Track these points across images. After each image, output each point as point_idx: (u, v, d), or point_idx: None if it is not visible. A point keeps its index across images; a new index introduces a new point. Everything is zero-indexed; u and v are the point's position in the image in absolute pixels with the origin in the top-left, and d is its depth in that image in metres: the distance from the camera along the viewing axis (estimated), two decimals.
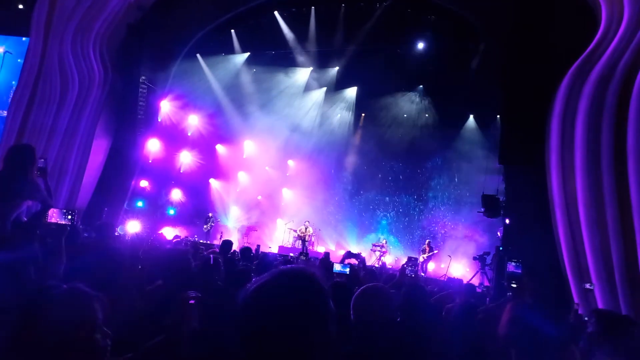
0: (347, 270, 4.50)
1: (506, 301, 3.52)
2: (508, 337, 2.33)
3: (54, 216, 3.26)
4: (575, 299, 9.84)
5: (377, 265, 15.41)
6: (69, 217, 3.25)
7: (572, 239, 10.40)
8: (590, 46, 10.48)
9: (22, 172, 3.87)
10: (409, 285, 3.37)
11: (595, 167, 10.03)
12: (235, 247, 11.80)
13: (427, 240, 17.10)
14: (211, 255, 4.11)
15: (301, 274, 1.28)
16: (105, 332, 1.50)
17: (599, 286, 9.65)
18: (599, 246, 9.76)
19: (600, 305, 9.28)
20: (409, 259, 15.03)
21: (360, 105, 20.01)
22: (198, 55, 17.87)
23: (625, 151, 9.13)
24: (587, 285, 9.37)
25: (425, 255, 16.31)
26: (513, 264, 8.13)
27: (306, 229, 17.04)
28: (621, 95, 9.55)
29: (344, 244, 19.54)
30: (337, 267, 4.78)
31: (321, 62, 18.72)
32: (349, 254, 14.34)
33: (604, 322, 2.90)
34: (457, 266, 17.41)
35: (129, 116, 14.86)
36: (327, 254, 10.00)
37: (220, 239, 14.98)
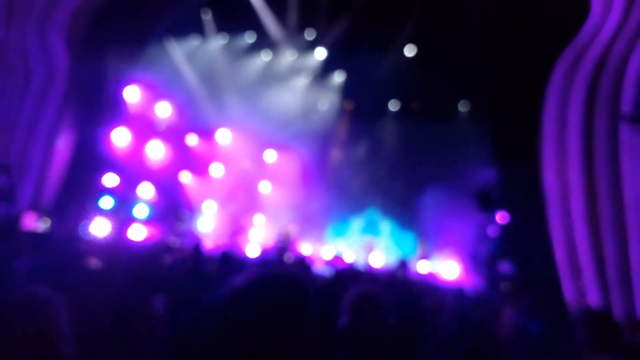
0: (328, 272, 4.55)
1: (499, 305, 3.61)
2: (509, 340, 2.40)
3: (30, 220, 3.22)
4: (571, 297, 10.06)
5: (362, 265, 15.51)
6: (48, 221, 3.22)
7: (566, 235, 10.61)
8: (582, 34, 10.65)
9: None
10: (399, 290, 3.43)
11: (589, 159, 10.24)
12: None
13: (420, 239, 17.21)
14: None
15: (283, 276, 1.36)
16: (68, 337, 1.51)
17: (594, 283, 9.87)
18: (594, 243, 9.97)
19: (595, 303, 9.50)
20: (400, 261, 15.23)
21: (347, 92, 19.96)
22: (168, 40, 17.66)
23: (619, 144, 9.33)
24: (582, 283, 9.59)
25: (417, 255, 16.43)
26: (506, 264, 8.23)
27: (288, 230, 17.03)
28: (614, 85, 9.74)
29: (327, 243, 19.55)
30: (319, 270, 4.83)
31: (304, 47, 18.65)
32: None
33: (592, 326, 2.99)
34: (448, 264, 17.58)
35: (95, 106, 14.68)
36: (302, 257, 10.01)
37: (195, 238, 14.90)
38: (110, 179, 16.63)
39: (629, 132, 9.26)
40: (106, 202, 16.52)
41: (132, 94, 17.01)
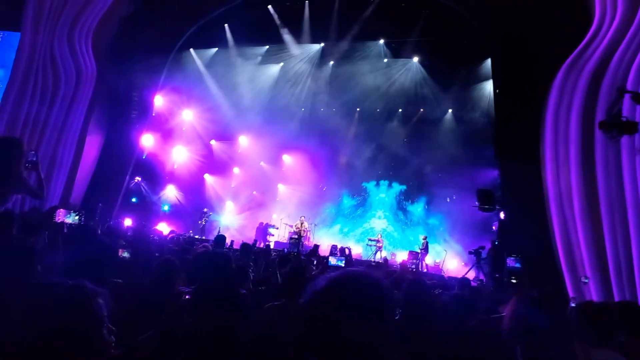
0: (342, 263, 4.54)
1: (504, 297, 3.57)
2: (511, 332, 2.36)
3: (60, 215, 3.25)
4: (571, 293, 9.93)
5: (373, 260, 15.45)
6: (77, 217, 3.24)
7: (567, 232, 10.49)
8: (583, 41, 10.55)
9: (8, 165, 3.81)
10: (410, 281, 3.39)
11: (589, 161, 10.12)
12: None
13: (424, 236, 17.12)
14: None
15: (369, 278, 1.30)
16: (110, 328, 1.51)
17: (594, 279, 9.74)
18: (593, 239, 9.86)
19: (595, 298, 9.37)
20: (410, 253, 15.13)
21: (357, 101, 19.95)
22: (191, 49, 17.79)
23: (619, 145, 9.20)
24: (582, 279, 9.46)
25: (422, 249, 16.31)
26: (512, 258, 8.12)
27: (302, 224, 17.05)
28: (614, 89, 9.61)
29: (338, 239, 19.57)
30: (332, 261, 4.81)
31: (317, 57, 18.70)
32: (334, 248, 14.40)
33: (590, 320, 2.96)
34: (452, 260, 17.50)
35: (122, 111, 14.82)
36: (316, 246, 10.05)
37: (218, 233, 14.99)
38: (137, 178, 16.84)
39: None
40: (133, 200, 16.72)
41: (157, 100, 17.18)
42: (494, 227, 14.65)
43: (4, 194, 3.93)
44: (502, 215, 13.40)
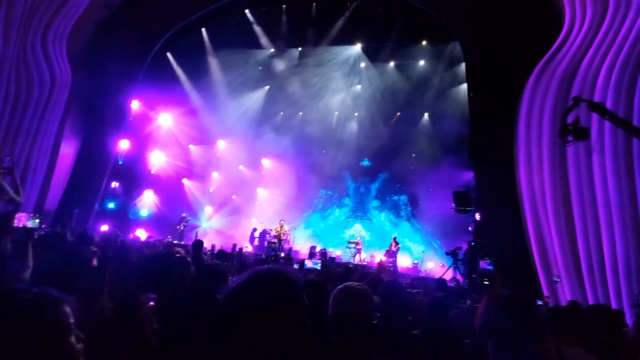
0: (319, 266, 4.51)
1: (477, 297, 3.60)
2: (483, 329, 2.37)
3: (22, 219, 3.16)
4: (545, 292, 10.08)
5: (351, 263, 15.45)
6: (37, 220, 3.16)
7: (540, 232, 10.66)
8: (554, 45, 10.76)
9: None
10: (386, 284, 3.39)
11: (561, 163, 10.32)
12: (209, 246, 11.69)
13: (394, 235, 17.20)
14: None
15: (277, 273, 1.39)
16: (78, 335, 1.46)
17: (567, 278, 9.91)
18: (567, 239, 10.03)
19: (568, 296, 9.53)
20: (387, 252, 15.16)
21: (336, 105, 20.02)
22: (168, 54, 17.61)
23: (590, 147, 9.39)
24: (555, 278, 9.61)
25: (392, 250, 16.36)
26: (486, 261, 8.32)
27: (281, 227, 16.98)
28: (585, 91, 9.83)
29: (317, 242, 19.56)
30: (309, 264, 4.79)
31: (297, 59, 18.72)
32: (314, 249, 14.38)
33: (561, 319, 3.01)
34: (430, 261, 17.62)
35: (98, 116, 14.55)
36: (290, 250, 10.01)
37: (195, 238, 14.83)
38: (113, 184, 16.57)
39: (596, 135, 9.36)
40: (110, 206, 16.44)
41: (135, 104, 16.95)
42: (470, 228, 14.78)
43: None
44: (477, 216, 13.53)
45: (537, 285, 10.34)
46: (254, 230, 18.48)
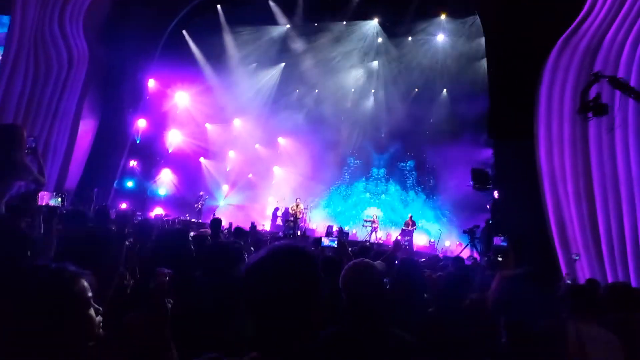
0: (335, 244, 4.55)
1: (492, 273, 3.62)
2: (496, 304, 2.38)
3: (44, 198, 3.25)
4: (564, 270, 10.02)
5: (368, 241, 15.52)
6: (59, 199, 3.24)
7: (560, 210, 10.54)
8: (577, 18, 10.46)
9: (10, 153, 3.82)
10: (402, 262, 3.42)
11: (582, 139, 10.14)
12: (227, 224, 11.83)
13: (410, 214, 17.21)
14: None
15: (293, 247, 1.40)
16: (96, 308, 1.51)
17: (586, 256, 9.83)
18: (587, 217, 9.92)
19: (587, 275, 9.46)
20: (403, 231, 15.19)
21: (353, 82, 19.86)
22: (184, 31, 17.58)
23: (612, 123, 9.20)
24: (573, 255, 9.54)
25: (408, 229, 16.39)
26: (500, 237, 8.28)
27: (297, 206, 17.07)
28: (608, 66, 9.59)
29: (333, 221, 19.67)
30: (325, 242, 4.83)
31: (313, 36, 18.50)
32: (330, 229, 14.44)
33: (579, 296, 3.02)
34: (447, 240, 17.63)
35: (115, 94, 14.64)
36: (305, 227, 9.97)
37: (213, 217, 15.00)
38: (131, 163, 16.79)
39: (619, 111, 9.16)
40: (128, 185, 16.69)
41: (152, 83, 17.02)
42: (488, 207, 14.68)
43: (9, 182, 3.93)
44: (495, 194, 13.42)
45: (555, 264, 10.27)
46: (277, 209, 18.45)
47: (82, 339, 1.45)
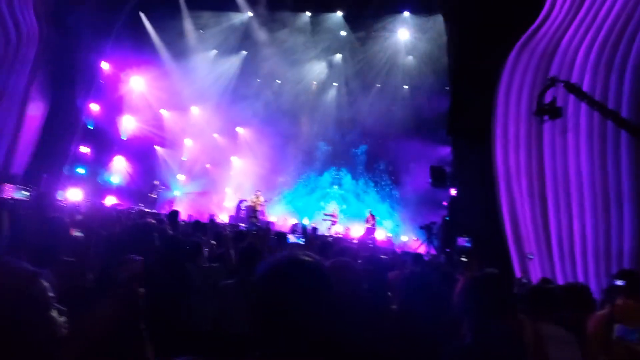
0: (302, 241, 4.54)
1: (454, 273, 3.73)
2: (460, 306, 2.45)
3: (9, 191, 3.06)
4: (516, 268, 10.38)
5: (331, 235, 15.57)
6: (27, 193, 3.07)
7: (514, 210, 10.90)
8: (535, 22, 10.79)
9: None
10: (367, 259, 3.44)
11: (537, 141, 10.51)
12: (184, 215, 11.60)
13: (369, 210, 17.44)
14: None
15: (310, 262, 1.41)
16: (60, 308, 1.43)
17: (537, 256, 10.22)
18: (539, 217, 10.30)
19: (539, 273, 9.84)
20: (367, 229, 15.34)
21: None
22: (141, 13, 17.02)
23: (565, 125, 9.59)
24: (528, 255, 9.89)
25: (369, 225, 16.60)
26: (463, 238, 8.53)
27: (257, 198, 16.92)
28: (563, 70, 9.96)
29: (293, 214, 19.66)
30: (292, 239, 4.81)
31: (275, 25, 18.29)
32: (296, 226, 14.43)
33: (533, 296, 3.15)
34: (403, 235, 17.94)
35: (67, 76, 14.00)
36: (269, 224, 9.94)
37: (170, 208, 14.70)
38: (83, 149, 16.19)
39: (572, 115, 9.56)
40: (79, 171, 16.10)
41: (106, 66, 16.41)
42: (444, 203, 15.04)
43: None
44: (453, 191, 13.76)
45: (509, 262, 10.62)
46: (241, 201, 17.95)
47: (45, 342, 1.37)
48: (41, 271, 1.45)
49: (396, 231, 17.92)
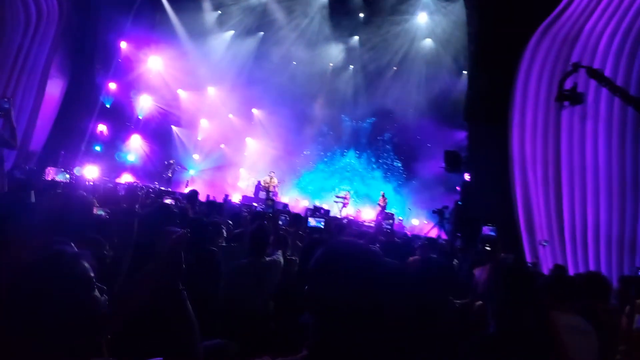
0: (322, 224, 4.55)
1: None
2: (485, 295, 2.43)
3: (50, 173, 3.13)
4: (528, 255, 10.33)
5: (346, 217, 15.59)
6: (67, 175, 3.13)
7: (527, 196, 10.81)
8: (558, 7, 10.55)
9: None
10: (384, 243, 3.43)
11: (555, 127, 10.37)
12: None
13: (382, 192, 17.41)
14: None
15: (367, 250, 1.43)
16: (101, 287, 1.46)
17: (550, 243, 10.15)
18: (553, 205, 10.21)
19: (549, 261, 9.79)
20: (387, 214, 15.31)
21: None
22: None
23: (585, 112, 9.44)
24: (542, 242, 9.82)
25: (379, 207, 16.60)
26: (488, 227, 8.52)
27: (271, 179, 16.95)
28: (585, 57, 9.76)
29: (306, 195, 19.71)
30: (312, 222, 4.82)
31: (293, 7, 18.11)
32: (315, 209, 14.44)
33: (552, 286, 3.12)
34: (414, 219, 17.91)
35: (86, 55, 14.05)
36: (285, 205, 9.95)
37: (186, 187, 14.81)
38: (100, 127, 16.31)
39: (592, 102, 9.40)
40: (96, 149, 16.25)
41: (124, 45, 16.41)
42: (457, 188, 14.93)
43: None
44: (466, 176, 13.64)
45: (520, 248, 10.57)
46: (259, 182, 17.88)
47: (91, 323, 1.39)
48: (83, 252, 1.48)
49: (407, 214, 17.89)
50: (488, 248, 3.24)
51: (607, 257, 9.05)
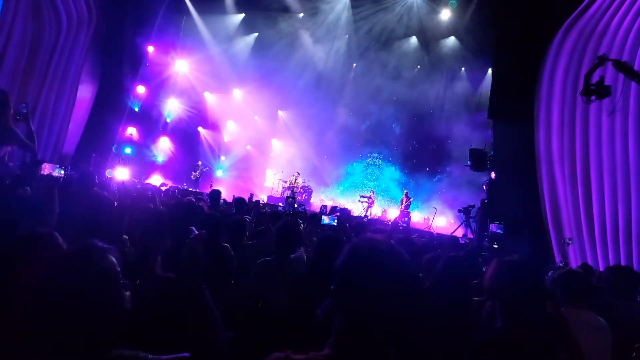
0: (335, 222, 4.57)
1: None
2: (493, 289, 2.41)
3: (46, 168, 3.24)
4: (556, 253, 10.12)
5: (365, 216, 15.59)
6: (62, 170, 3.24)
7: (555, 193, 10.59)
8: (584, 1, 10.31)
9: None
10: (399, 240, 3.42)
11: (582, 123, 10.12)
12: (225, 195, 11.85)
13: (405, 191, 17.30)
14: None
15: (393, 248, 1.39)
16: (125, 283, 1.50)
17: (577, 241, 9.92)
18: (581, 202, 9.97)
19: (579, 259, 9.58)
20: (402, 212, 15.19)
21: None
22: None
23: (613, 106, 9.18)
24: (567, 240, 9.63)
25: (402, 206, 16.50)
26: (496, 224, 8.32)
27: (295, 179, 17.04)
28: (613, 51, 9.51)
29: (332, 195, 19.75)
30: (325, 220, 4.84)
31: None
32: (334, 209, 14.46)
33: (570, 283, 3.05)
34: (441, 218, 17.72)
35: (115, 59, 14.42)
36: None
37: (210, 187, 15.01)
38: (130, 130, 16.70)
39: (620, 96, 9.13)
40: (126, 151, 16.64)
41: (151, 50, 16.77)
42: (484, 187, 14.73)
43: None
44: (492, 175, 13.46)
45: (548, 247, 10.37)
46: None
47: (115, 317, 1.41)
48: (110, 247, 1.52)
49: (433, 213, 17.71)
50: (495, 246, 3.19)
51: (639, 256, 8.79)
